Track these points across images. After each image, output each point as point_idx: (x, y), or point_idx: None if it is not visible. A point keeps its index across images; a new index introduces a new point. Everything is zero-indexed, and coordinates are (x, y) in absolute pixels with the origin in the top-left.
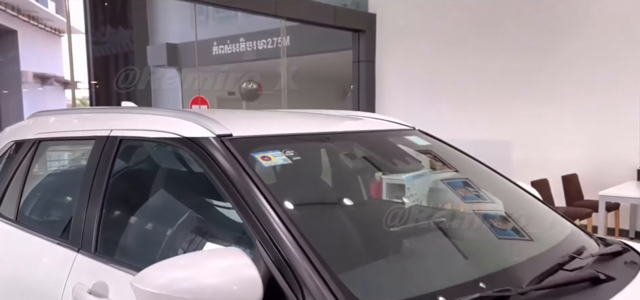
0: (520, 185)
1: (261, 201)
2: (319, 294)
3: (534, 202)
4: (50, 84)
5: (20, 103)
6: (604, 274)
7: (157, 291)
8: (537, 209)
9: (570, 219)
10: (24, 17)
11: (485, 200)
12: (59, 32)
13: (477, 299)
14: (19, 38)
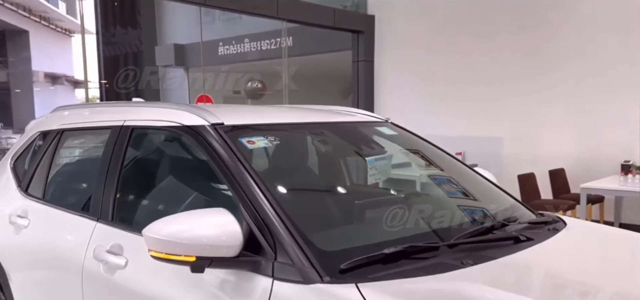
0: (476, 170)
1: (245, 175)
2: (288, 243)
3: (484, 182)
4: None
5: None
6: (524, 235)
7: (163, 238)
8: (484, 187)
9: (514, 197)
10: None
11: (439, 178)
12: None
13: (408, 247)
14: (31, 38)
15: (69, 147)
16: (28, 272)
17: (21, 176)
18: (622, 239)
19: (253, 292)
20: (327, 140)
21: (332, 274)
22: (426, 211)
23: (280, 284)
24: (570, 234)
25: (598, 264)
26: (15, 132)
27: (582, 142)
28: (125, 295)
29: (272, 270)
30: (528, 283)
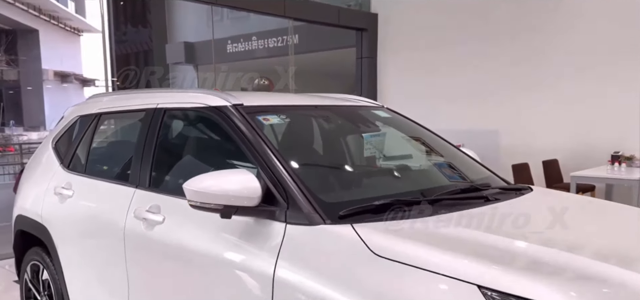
0: (461, 149)
1: (262, 144)
2: (298, 196)
3: (465, 158)
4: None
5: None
6: (492, 196)
7: (199, 190)
8: (465, 161)
9: (492, 171)
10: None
11: (427, 152)
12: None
13: (395, 201)
14: (41, 37)
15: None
16: (73, 236)
17: (63, 155)
18: (578, 200)
19: (271, 233)
20: (330, 119)
21: (332, 218)
22: (413, 177)
23: (292, 227)
24: (532, 196)
25: (549, 216)
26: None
27: (574, 134)
28: (164, 245)
29: (285, 217)
30: (487, 226)
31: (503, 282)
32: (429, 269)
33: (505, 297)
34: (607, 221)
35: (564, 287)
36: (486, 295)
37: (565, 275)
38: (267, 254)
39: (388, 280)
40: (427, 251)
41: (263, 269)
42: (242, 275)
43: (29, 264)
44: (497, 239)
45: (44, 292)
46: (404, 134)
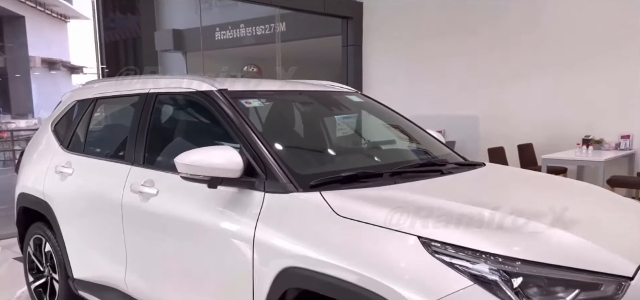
0: (426, 130)
1: (244, 125)
2: (275, 169)
3: (431, 139)
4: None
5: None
6: (447, 169)
7: (188, 163)
8: (428, 140)
9: (451, 149)
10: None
11: (395, 132)
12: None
13: (360, 172)
14: (27, 24)
15: (102, 111)
16: (74, 210)
17: (62, 137)
18: (518, 173)
19: (252, 201)
20: (306, 103)
21: (304, 187)
22: (381, 154)
23: (270, 195)
24: (482, 170)
25: (489, 185)
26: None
27: (548, 119)
28: (158, 215)
29: (264, 187)
30: (436, 192)
31: (437, 233)
32: (380, 224)
33: (440, 244)
34: (537, 188)
35: (484, 235)
36: (424, 243)
37: (486, 226)
38: (248, 218)
39: (347, 235)
40: (380, 211)
41: (245, 232)
42: (227, 239)
43: (32, 238)
44: (440, 202)
45: (46, 263)
46: (376, 116)
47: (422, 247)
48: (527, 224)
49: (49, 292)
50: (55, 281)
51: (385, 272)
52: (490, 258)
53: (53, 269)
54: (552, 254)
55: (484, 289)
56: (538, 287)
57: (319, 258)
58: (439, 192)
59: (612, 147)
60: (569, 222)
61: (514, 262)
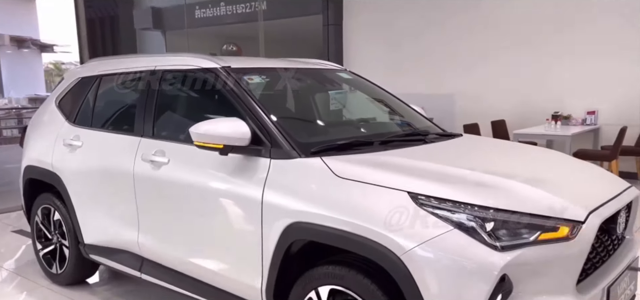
0: (409, 105)
1: (249, 99)
2: (278, 137)
3: (414, 112)
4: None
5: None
6: (428, 139)
7: (203, 132)
8: (411, 114)
9: (432, 121)
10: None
11: (382, 106)
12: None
13: (353, 141)
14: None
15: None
16: (85, 180)
17: (67, 112)
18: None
19: (258, 167)
20: (302, 79)
21: (306, 154)
22: (370, 125)
23: (275, 161)
24: (461, 139)
25: (465, 151)
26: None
27: (521, 97)
28: (170, 182)
29: (270, 154)
30: (420, 157)
31: (423, 189)
32: (374, 183)
33: (425, 197)
34: (507, 153)
35: (462, 189)
36: (412, 197)
37: (464, 183)
38: (256, 182)
39: (346, 193)
40: (374, 172)
41: (253, 194)
42: (237, 201)
43: (40, 207)
44: (424, 163)
45: (55, 231)
46: (363, 91)
47: (411, 201)
48: (498, 180)
49: (58, 257)
50: (65, 247)
51: (380, 222)
52: (467, 207)
53: (62, 236)
54: (518, 203)
55: (462, 232)
56: (506, 230)
57: (321, 213)
58: (423, 157)
59: (579, 122)
60: (533, 179)
61: (487, 210)
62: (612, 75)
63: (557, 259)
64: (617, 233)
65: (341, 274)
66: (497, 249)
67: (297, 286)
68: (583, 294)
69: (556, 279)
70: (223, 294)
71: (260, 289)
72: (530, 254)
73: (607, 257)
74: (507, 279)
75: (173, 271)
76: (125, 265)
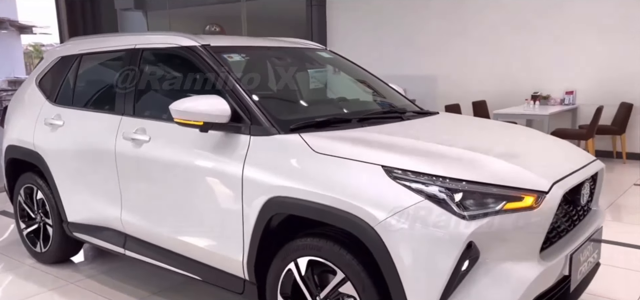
0: (388, 84)
1: (228, 76)
2: (258, 114)
3: (392, 91)
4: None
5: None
6: (405, 116)
7: (183, 109)
8: (392, 93)
9: (412, 101)
10: None
11: (362, 85)
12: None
13: (331, 118)
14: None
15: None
16: (67, 159)
17: (48, 91)
18: (464, 119)
19: (239, 144)
20: (282, 57)
21: (285, 130)
22: (349, 103)
23: (255, 138)
24: (437, 117)
25: (439, 127)
26: None
27: (501, 78)
28: (151, 159)
29: (249, 131)
30: (395, 133)
31: (396, 162)
32: (350, 157)
33: (398, 170)
34: (480, 129)
35: (432, 162)
36: (386, 170)
37: (434, 156)
38: (236, 158)
39: (323, 167)
40: (350, 147)
41: (234, 170)
42: (217, 177)
43: (23, 187)
44: (399, 139)
45: (38, 210)
46: (344, 70)
47: (385, 174)
48: (468, 153)
49: (42, 236)
50: (48, 226)
51: (355, 195)
52: (438, 179)
53: (45, 215)
54: (486, 175)
55: (432, 203)
56: (474, 200)
57: (299, 187)
58: (398, 133)
59: (557, 102)
60: (501, 153)
61: (456, 181)
62: (591, 57)
63: (522, 227)
64: (581, 203)
65: (319, 245)
66: (465, 218)
67: (277, 258)
68: (546, 260)
69: (521, 246)
70: (205, 268)
71: (241, 262)
72: (496, 223)
73: (572, 227)
74: (474, 246)
75: (156, 247)
76: (109, 243)
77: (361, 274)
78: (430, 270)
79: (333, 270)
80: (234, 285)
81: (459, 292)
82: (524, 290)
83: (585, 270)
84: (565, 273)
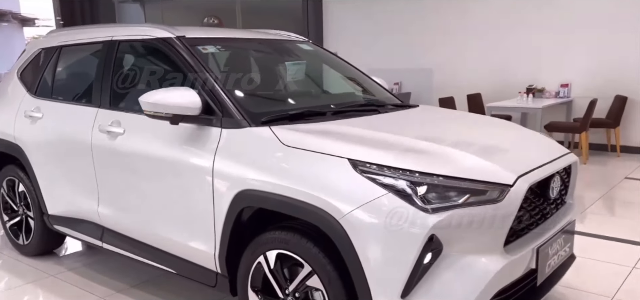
0: (372, 78)
1: (201, 68)
2: (231, 107)
3: (373, 84)
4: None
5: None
6: (382, 109)
7: (153, 102)
8: (373, 86)
9: (392, 92)
10: None
11: (340, 78)
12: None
13: (305, 111)
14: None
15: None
16: (46, 151)
17: (29, 83)
18: (450, 113)
19: (210, 136)
20: (258, 49)
21: (256, 123)
22: (325, 95)
23: (226, 130)
24: (415, 110)
25: (413, 120)
26: None
27: (497, 71)
28: (126, 152)
29: (221, 123)
30: (367, 126)
31: (363, 155)
32: (317, 150)
33: (364, 163)
34: (454, 123)
35: (398, 155)
36: (352, 163)
37: (401, 149)
38: (207, 151)
39: (291, 160)
40: (318, 140)
41: (205, 163)
42: (189, 170)
43: (5, 180)
44: (369, 132)
45: (20, 202)
46: (325, 63)
47: (351, 167)
48: (435, 147)
49: (24, 229)
50: (30, 218)
51: (321, 188)
52: (402, 172)
53: (27, 208)
54: (451, 168)
55: (396, 196)
56: (437, 193)
57: (268, 180)
58: (370, 126)
59: (552, 95)
60: (469, 146)
61: (420, 175)
62: (586, 49)
63: (485, 220)
64: (551, 197)
65: (287, 238)
66: (428, 211)
67: (247, 252)
68: (511, 253)
69: (484, 239)
70: (179, 261)
71: (213, 255)
72: (459, 216)
73: (543, 220)
74: (436, 239)
75: (132, 240)
76: (87, 235)
77: (327, 267)
78: (393, 263)
79: (302, 263)
80: (206, 278)
81: (423, 285)
82: (487, 282)
83: (555, 264)
84: (532, 266)
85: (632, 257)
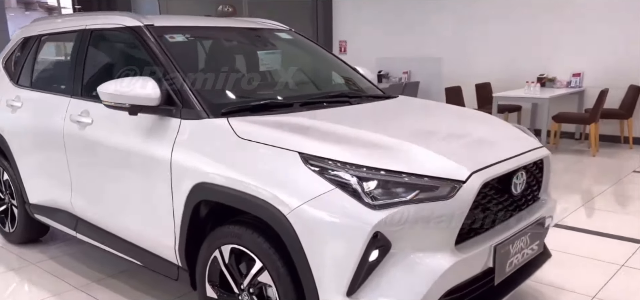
0: (355, 68)
1: (165, 58)
2: (191, 98)
3: (355, 74)
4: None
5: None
6: (354, 101)
7: (110, 92)
8: (354, 76)
9: (374, 84)
10: None
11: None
12: None
13: (269, 102)
14: None
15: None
16: (25, 141)
17: (12, 72)
18: (426, 104)
19: (169, 127)
20: (229, 38)
21: (216, 114)
22: (297, 85)
23: (185, 121)
24: (391, 101)
25: (389, 114)
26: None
27: (506, 61)
28: (93, 142)
29: (180, 114)
30: (332, 118)
31: (313, 149)
32: (270, 143)
33: (313, 157)
34: (424, 115)
35: (348, 149)
36: (302, 157)
37: (354, 144)
38: (166, 142)
39: (245, 152)
40: (272, 133)
41: (163, 154)
42: (149, 161)
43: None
44: (327, 125)
45: (5, 191)
46: (305, 53)
47: (301, 161)
48: (390, 141)
49: (10, 217)
50: (14, 207)
51: (271, 182)
52: (350, 167)
53: (12, 196)
54: (401, 163)
55: (343, 191)
56: (384, 189)
57: (222, 173)
58: (332, 118)
59: (564, 84)
60: (429, 140)
61: (367, 169)
62: (599, 38)
63: (435, 217)
64: (514, 193)
65: (239, 233)
66: (373, 207)
67: (204, 245)
68: (463, 252)
69: (434, 237)
70: (143, 253)
71: (173, 248)
72: (407, 212)
73: (509, 216)
74: (381, 236)
75: (101, 230)
76: (63, 225)
77: (277, 262)
78: (338, 259)
79: (254, 259)
80: (169, 271)
81: (369, 283)
82: (434, 280)
83: (518, 263)
84: (490, 265)
85: (624, 255)
